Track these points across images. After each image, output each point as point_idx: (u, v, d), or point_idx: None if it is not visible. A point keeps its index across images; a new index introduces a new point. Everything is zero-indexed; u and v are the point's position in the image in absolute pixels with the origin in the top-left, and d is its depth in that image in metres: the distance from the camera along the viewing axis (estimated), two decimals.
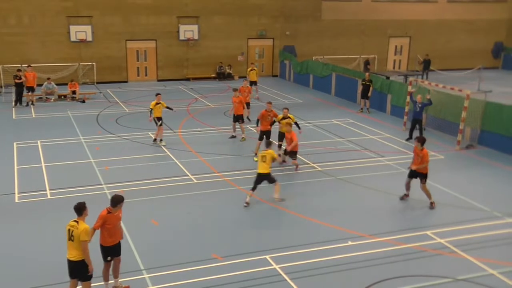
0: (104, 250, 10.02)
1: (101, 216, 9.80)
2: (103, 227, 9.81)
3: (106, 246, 9.96)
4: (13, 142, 20.02)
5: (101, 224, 9.75)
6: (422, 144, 14.27)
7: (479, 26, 43.12)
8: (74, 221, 9.19)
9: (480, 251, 11.90)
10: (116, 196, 9.97)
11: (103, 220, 9.76)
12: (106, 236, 9.89)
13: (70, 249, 9.19)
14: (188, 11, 35.14)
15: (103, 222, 9.76)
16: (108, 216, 9.81)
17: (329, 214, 13.94)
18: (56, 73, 31.91)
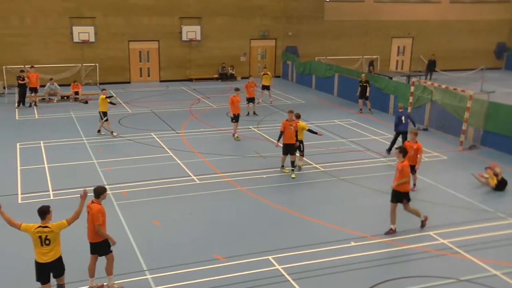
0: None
1: (102, 210, 9.91)
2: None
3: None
4: (16, 142, 20.06)
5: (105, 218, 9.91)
6: (404, 155, 12.71)
7: (482, 26, 43.05)
8: (41, 226, 9.12)
9: (484, 252, 11.87)
10: (98, 188, 10.07)
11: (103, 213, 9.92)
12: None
13: (46, 252, 9.10)
14: (190, 11, 35.17)
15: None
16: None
17: (332, 215, 13.93)
18: (59, 74, 31.96)
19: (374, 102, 26.67)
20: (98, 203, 9.94)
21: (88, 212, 9.98)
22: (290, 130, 16.31)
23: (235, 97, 21.00)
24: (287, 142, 16.48)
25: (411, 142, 15.13)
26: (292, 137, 16.38)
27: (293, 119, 16.47)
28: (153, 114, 25.64)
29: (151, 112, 26.10)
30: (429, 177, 16.74)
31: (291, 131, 16.32)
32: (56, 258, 9.19)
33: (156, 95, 31.02)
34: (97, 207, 9.86)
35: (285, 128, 16.36)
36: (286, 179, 16.56)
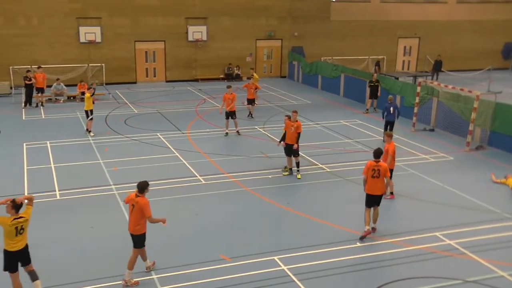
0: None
1: (148, 203, 10.31)
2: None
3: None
4: (23, 142, 20.14)
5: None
6: (378, 156, 12.55)
7: (489, 26, 42.87)
8: (16, 218, 9.42)
9: (490, 253, 11.81)
10: (142, 183, 10.43)
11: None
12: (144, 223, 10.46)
13: (18, 241, 9.50)
14: (196, 12, 35.21)
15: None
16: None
17: (338, 215, 13.90)
18: (65, 74, 32.06)
19: (380, 102, 26.62)
20: (143, 197, 10.32)
21: (132, 205, 10.32)
22: (291, 131, 16.23)
23: (227, 94, 21.47)
24: (287, 142, 16.43)
25: (386, 143, 14.91)
26: (292, 138, 16.25)
27: (296, 119, 16.35)
28: (159, 114, 25.68)
29: (157, 112, 26.14)
30: (436, 178, 16.69)
31: (291, 132, 16.21)
32: (24, 245, 9.59)
33: (162, 95, 31.06)
34: (144, 200, 10.25)
35: (286, 128, 16.35)
36: (292, 179, 16.54)
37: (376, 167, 12.32)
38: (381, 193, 12.50)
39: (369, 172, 12.36)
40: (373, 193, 12.44)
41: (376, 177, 12.30)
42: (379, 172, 12.28)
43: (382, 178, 12.33)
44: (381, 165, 12.35)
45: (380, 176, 12.30)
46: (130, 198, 10.44)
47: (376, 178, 12.31)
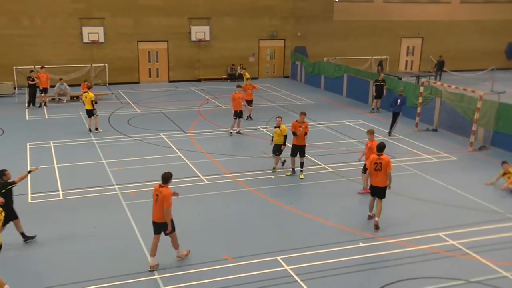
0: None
1: (170, 194, 10.74)
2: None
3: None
4: (26, 142, 20.18)
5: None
6: (381, 150, 13.01)
7: (492, 26, 42.78)
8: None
9: (493, 253, 11.79)
10: (166, 174, 10.94)
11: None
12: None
13: None
14: (199, 12, 35.23)
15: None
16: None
17: (340, 215, 13.89)
18: (69, 75, 32.12)
19: (383, 102, 26.61)
20: (167, 187, 10.78)
21: (156, 195, 10.76)
22: (299, 132, 16.26)
23: (236, 94, 21.61)
24: (296, 143, 16.47)
25: (369, 141, 15.10)
26: (300, 139, 16.35)
27: (304, 121, 16.41)
28: (162, 114, 25.71)
29: (160, 112, 26.16)
30: (439, 178, 16.67)
31: (300, 133, 16.25)
32: None
33: (165, 96, 31.09)
34: (167, 191, 10.70)
35: (295, 129, 16.33)
36: (295, 179, 16.54)
37: (378, 161, 12.79)
38: (383, 185, 12.89)
39: (372, 165, 12.89)
40: (375, 185, 12.97)
41: (379, 170, 12.78)
42: (381, 165, 12.74)
43: (384, 171, 12.76)
44: (383, 159, 12.77)
45: (382, 169, 12.75)
46: (155, 189, 10.91)
47: (378, 171, 12.80)
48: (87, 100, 21.71)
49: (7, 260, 11.19)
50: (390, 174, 12.88)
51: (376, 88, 26.44)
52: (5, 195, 11.48)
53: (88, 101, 21.67)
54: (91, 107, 21.73)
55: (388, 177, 12.88)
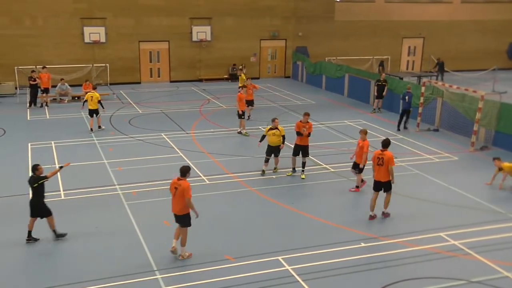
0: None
1: (189, 186, 11.09)
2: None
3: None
4: (28, 142, 20.21)
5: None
6: (385, 146, 13.41)
7: (494, 26, 42.72)
8: None
9: (495, 253, 11.79)
10: (184, 167, 11.31)
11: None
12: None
13: None
14: (200, 12, 35.23)
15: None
16: None
17: (342, 216, 13.90)
18: (70, 75, 32.15)
19: (384, 102, 26.62)
20: (185, 180, 11.14)
21: (175, 188, 11.11)
22: (303, 132, 16.31)
23: (242, 94, 21.68)
24: (299, 143, 16.51)
25: (360, 140, 15.34)
26: (304, 139, 16.40)
27: (307, 121, 16.44)
28: (163, 114, 25.72)
29: (161, 112, 26.18)
30: (440, 178, 16.66)
31: (304, 133, 16.31)
32: None
33: (166, 96, 31.11)
34: (186, 183, 11.06)
35: (299, 129, 16.38)
36: (296, 179, 16.54)
37: (381, 156, 13.25)
38: (384, 180, 13.34)
39: (374, 160, 13.39)
40: (378, 180, 13.45)
41: (380, 165, 13.25)
42: (383, 161, 13.18)
43: (385, 166, 13.17)
44: (385, 154, 13.21)
45: (383, 164, 13.19)
46: (173, 182, 11.24)
47: (380, 165, 13.27)
48: (93, 99, 21.74)
49: (6, 259, 11.21)
50: (391, 170, 13.20)
51: (377, 88, 26.43)
52: (37, 189, 11.88)
53: (94, 101, 21.74)
54: (97, 107, 21.84)
55: (390, 172, 13.21)
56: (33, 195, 12.01)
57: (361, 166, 15.34)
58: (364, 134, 15.41)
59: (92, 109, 21.89)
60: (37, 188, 11.90)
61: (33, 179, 11.96)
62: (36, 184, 11.87)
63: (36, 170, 12.01)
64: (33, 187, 11.88)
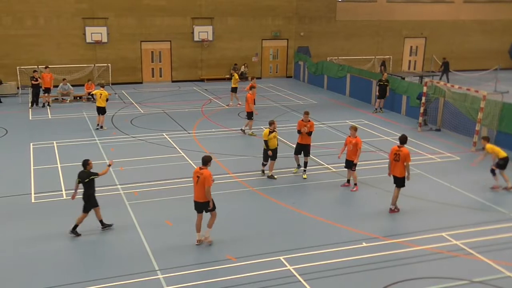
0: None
1: (210, 175, 11.64)
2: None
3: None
4: (30, 142, 20.22)
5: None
6: (402, 142, 13.88)
7: (496, 26, 42.70)
8: None
9: (497, 253, 11.77)
10: (206, 157, 11.95)
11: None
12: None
13: None
14: (202, 12, 35.24)
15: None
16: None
17: (343, 215, 13.89)
18: (72, 75, 32.18)
19: (386, 102, 26.61)
20: (206, 169, 11.68)
21: (197, 177, 11.63)
22: (304, 131, 16.36)
23: (250, 94, 21.67)
24: (300, 142, 16.57)
25: (351, 137, 15.52)
26: (306, 138, 16.44)
27: (309, 119, 16.48)
28: (165, 114, 25.73)
29: (163, 112, 26.19)
30: (442, 178, 16.64)
31: (304, 131, 16.36)
32: None
33: (168, 96, 31.11)
34: (208, 172, 11.62)
35: (300, 128, 16.45)
36: (298, 179, 16.54)
37: (398, 152, 13.67)
38: (400, 176, 13.78)
39: (391, 155, 13.85)
40: (394, 174, 13.94)
41: (397, 160, 13.70)
42: (399, 157, 13.61)
43: (401, 162, 13.60)
44: (402, 151, 13.62)
45: (400, 160, 13.63)
46: (195, 171, 11.79)
47: (397, 161, 13.72)
48: (102, 97, 22.23)
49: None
50: (408, 166, 13.63)
51: (379, 88, 26.41)
52: (89, 183, 12.44)
53: (103, 99, 22.24)
54: (105, 104, 22.38)
55: (406, 168, 13.63)
56: (85, 189, 12.49)
57: (355, 161, 15.44)
58: (354, 130, 15.59)
59: (100, 106, 22.31)
60: (88, 183, 12.46)
61: (85, 174, 12.49)
62: (88, 179, 12.44)
63: (87, 165, 12.59)
64: (85, 182, 12.41)
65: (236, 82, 27.52)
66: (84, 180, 12.44)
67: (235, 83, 27.48)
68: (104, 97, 22.25)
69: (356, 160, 15.41)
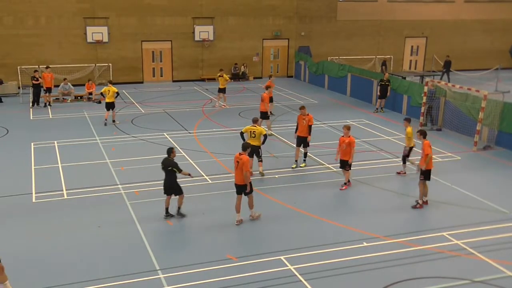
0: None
1: (248, 160, 12.82)
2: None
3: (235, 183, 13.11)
4: (31, 142, 20.23)
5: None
6: (423, 136, 14.36)
7: (497, 26, 42.67)
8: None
9: (498, 253, 11.76)
10: (245, 144, 13.25)
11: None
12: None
13: None
14: (203, 12, 35.25)
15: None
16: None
17: (344, 215, 13.88)
18: (73, 74, 32.19)
19: (387, 102, 26.59)
20: (245, 154, 12.85)
21: (237, 161, 12.77)
22: (303, 124, 17.14)
23: (266, 94, 21.63)
24: (300, 135, 17.36)
25: (344, 136, 15.62)
26: (304, 130, 17.20)
27: (306, 113, 17.19)
28: (166, 114, 25.73)
29: (163, 112, 26.19)
30: (443, 178, 16.63)
31: (304, 125, 17.13)
32: None
33: (168, 95, 31.12)
34: (246, 158, 12.78)
35: (298, 121, 17.31)
36: (299, 179, 16.54)
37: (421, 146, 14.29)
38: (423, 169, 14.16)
39: (428, 149, 14.14)
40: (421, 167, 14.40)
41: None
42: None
43: (425, 155, 14.05)
44: (423, 143, 14.18)
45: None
46: (236, 157, 12.92)
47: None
48: (110, 93, 23.09)
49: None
50: (428, 158, 13.93)
51: (380, 87, 26.38)
52: (170, 172, 13.21)
53: (111, 94, 23.06)
54: (113, 100, 23.19)
55: (426, 159, 14.00)
56: (166, 176, 13.29)
57: (350, 161, 15.51)
58: (347, 130, 15.68)
59: (109, 102, 23.10)
60: (170, 171, 13.18)
61: (168, 162, 13.24)
62: (170, 168, 13.16)
63: (171, 153, 13.35)
64: (167, 169, 13.14)
65: (224, 83, 27.30)
66: (167, 168, 13.17)
67: (223, 84, 27.29)
68: (112, 93, 23.10)
69: (350, 160, 15.45)
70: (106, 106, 23.31)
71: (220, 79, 27.29)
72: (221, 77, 27.27)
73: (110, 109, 23.28)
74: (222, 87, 27.27)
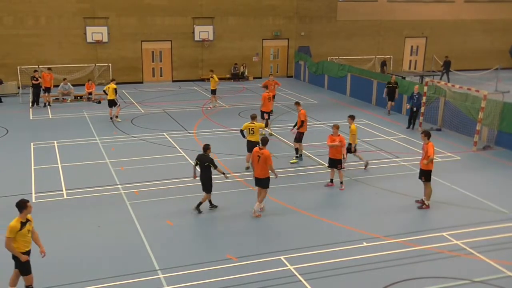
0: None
1: (270, 154, 13.19)
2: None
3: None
4: (30, 142, 20.23)
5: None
6: (428, 137, 14.21)
7: (497, 26, 42.69)
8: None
9: (498, 253, 11.76)
10: (264, 138, 13.67)
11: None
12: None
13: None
14: (203, 12, 35.25)
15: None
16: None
17: (344, 215, 13.89)
18: (72, 74, 32.19)
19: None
20: (265, 149, 13.23)
21: (258, 156, 13.15)
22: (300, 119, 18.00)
23: (266, 93, 21.65)
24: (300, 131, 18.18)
25: (334, 135, 15.75)
26: (303, 126, 18.07)
27: (301, 109, 18.08)
28: (166, 114, 25.73)
29: (163, 112, 26.19)
30: (443, 178, 16.62)
31: (300, 120, 17.95)
32: None
33: (168, 95, 31.12)
34: (267, 152, 13.17)
35: None
36: (299, 179, 16.54)
37: (424, 147, 14.24)
38: (423, 168, 14.17)
39: (432, 150, 14.11)
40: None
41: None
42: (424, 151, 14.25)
43: (426, 156, 14.02)
44: (426, 145, 14.10)
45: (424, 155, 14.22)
46: (255, 151, 13.33)
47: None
48: (110, 90, 23.54)
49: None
50: (429, 159, 13.90)
51: (388, 90, 26.10)
52: (206, 167, 13.52)
53: (111, 91, 23.49)
54: (114, 96, 23.63)
55: (430, 162, 14.02)
56: (202, 172, 13.62)
57: (345, 154, 15.74)
58: (337, 129, 15.87)
59: (110, 99, 23.67)
60: (207, 167, 13.51)
61: (204, 158, 13.57)
62: (207, 163, 13.49)
63: (207, 149, 13.65)
64: (204, 165, 13.50)
65: (215, 84, 27.17)
66: (204, 163, 13.51)
67: (214, 85, 27.17)
68: (112, 90, 23.49)
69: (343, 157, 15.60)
70: (108, 103, 23.98)
71: (211, 80, 27.30)
72: (211, 78, 27.25)
73: (113, 106, 23.76)
74: (213, 88, 27.19)
